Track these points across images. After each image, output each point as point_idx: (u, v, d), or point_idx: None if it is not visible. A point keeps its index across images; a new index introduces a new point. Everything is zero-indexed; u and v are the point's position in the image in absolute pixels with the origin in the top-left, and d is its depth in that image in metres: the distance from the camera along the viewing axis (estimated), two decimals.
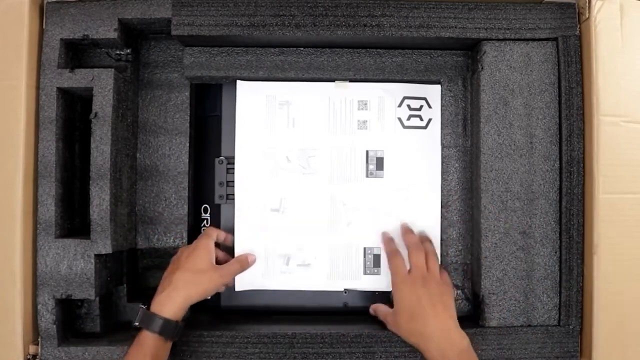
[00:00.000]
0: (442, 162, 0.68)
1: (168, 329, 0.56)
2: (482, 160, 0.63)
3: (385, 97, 0.69)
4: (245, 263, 0.66)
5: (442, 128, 0.68)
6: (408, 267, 0.62)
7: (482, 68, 0.63)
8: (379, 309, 0.64)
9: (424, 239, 0.65)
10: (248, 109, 0.69)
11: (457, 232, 0.68)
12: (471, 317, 0.67)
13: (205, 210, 0.71)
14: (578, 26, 0.63)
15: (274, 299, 0.70)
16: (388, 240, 0.66)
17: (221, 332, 0.62)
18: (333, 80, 0.68)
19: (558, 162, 0.63)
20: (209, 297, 0.62)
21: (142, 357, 0.55)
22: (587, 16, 0.62)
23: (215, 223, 0.71)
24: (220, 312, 0.71)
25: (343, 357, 0.61)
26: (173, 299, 0.57)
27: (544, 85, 0.63)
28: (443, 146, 0.68)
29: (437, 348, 0.56)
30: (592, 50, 0.61)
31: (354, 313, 0.70)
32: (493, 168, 0.63)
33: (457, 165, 0.68)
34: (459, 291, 0.68)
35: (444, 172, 0.68)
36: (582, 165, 0.62)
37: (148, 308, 0.57)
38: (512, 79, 0.63)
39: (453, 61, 0.68)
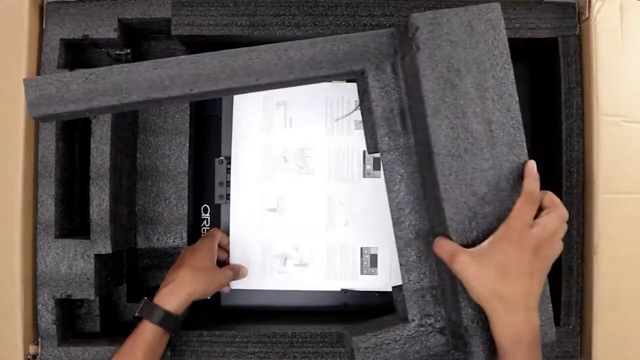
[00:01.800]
0: (384, 171, 0.54)
1: (168, 321, 0.57)
2: (438, 164, 0.49)
3: None
4: (237, 273, 0.67)
5: (376, 129, 0.54)
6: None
7: (417, 48, 0.50)
8: (444, 244, 0.50)
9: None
10: (245, 110, 0.69)
11: (417, 252, 0.54)
12: None
13: (205, 210, 0.71)
14: (578, 26, 0.63)
15: (274, 298, 0.71)
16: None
17: (221, 331, 0.62)
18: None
19: (526, 149, 0.51)
20: (209, 297, 0.63)
21: (137, 347, 0.55)
22: (587, 16, 0.62)
23: (215, 223, 0.71)
24: (220, 311, 0.71)
25: (343, 357, 0.61)
26: (176, 294, 0.58)
27: (494, 57, 0.50)
28: (382, 151, 0.54)
29: (513, 322, 0.47)
30: (592, 50, 0.61)
31: (354, 313, 0.70)
32: (452, 171, 0.50)
33: (402, 171, 0.54)
34: (428, 321, 0.54)
35: (388, 184, 0.54)
36: (582, 165, 0.62)
37: (151, 300, 0.58)
38: (456, 56, 0.50)
39: (376, 44, 0.53)
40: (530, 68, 0.72)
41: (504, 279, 0.47)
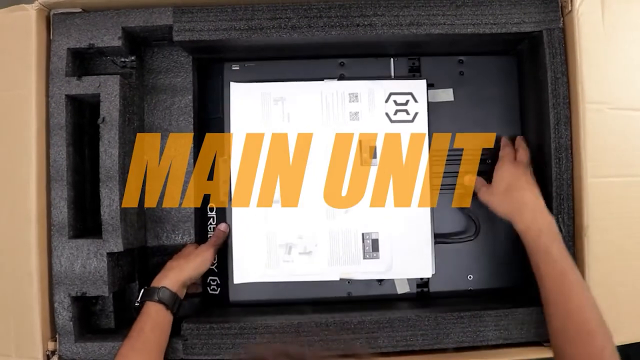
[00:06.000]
0: None
1: (165, 296, 0.62)
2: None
3: (374, 88, 0.71)
4: (219, 237, 0.70)
5: None
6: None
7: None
8: (476, 180, 0.70)
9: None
10: (242, 109, 0.71)
11: None
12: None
13: (212, 209, 0.74)
14: (561, 19, 0.65)
15: (279, 291, 0.73)
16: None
17: (230, 324, 0.64)
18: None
19: None
20: (202, 274, 0.68)
21: (144, 324, 0.60)
22: (569, 9, 0.64)
23: (221, 219, 0.73)
24: (229, 306, 0.73)
25: (348, 344, 0.63)
26: (166, 275, 0.64)
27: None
28: None
29: (530, 212, 0.62)
30: (575, 41, 0.63)
31: (357, 302, 0.73)
32: None
33: None
34: None
35: None
36: (570, 151, 0.64)
37: None
38: None
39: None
40: (517, 61, 0.74)
41: (509, 190, 0.65)
